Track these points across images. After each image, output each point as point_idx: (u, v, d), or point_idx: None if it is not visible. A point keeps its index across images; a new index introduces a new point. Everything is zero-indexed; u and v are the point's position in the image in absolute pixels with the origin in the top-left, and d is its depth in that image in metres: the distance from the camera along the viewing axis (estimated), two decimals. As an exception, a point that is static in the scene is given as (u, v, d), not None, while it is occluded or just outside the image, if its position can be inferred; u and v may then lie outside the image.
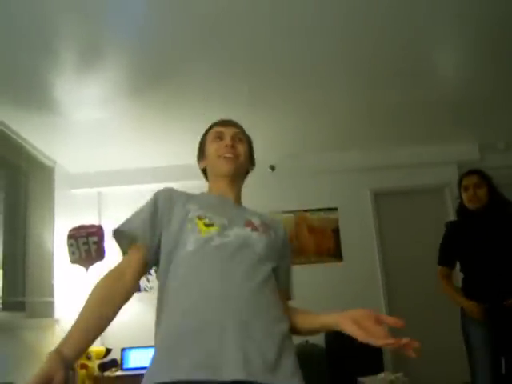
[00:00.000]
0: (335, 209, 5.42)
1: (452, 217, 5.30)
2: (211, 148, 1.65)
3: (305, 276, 5.07)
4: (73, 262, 4.66)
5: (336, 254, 5.32)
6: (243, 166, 1.66)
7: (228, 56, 3.24)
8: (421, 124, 4.78)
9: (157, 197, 1.57)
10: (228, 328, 1.21)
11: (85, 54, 3.11)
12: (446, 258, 3.18)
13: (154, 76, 3.48)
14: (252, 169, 1.75)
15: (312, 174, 5.42)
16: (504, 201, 3.06)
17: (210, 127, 1.72)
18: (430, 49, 3.38)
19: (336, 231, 5.37)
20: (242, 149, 1.65)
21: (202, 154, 1.73)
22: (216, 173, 1.64)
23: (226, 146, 1.61)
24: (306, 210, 5.31)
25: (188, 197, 1.57)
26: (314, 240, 5.31)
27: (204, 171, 1.75)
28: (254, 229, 1.48)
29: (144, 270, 1.52)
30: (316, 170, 5.42)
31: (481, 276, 2.96)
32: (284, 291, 1.56)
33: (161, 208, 1.53)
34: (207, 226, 1.43)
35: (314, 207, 5.34)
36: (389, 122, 4.67)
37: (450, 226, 3.22)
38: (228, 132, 1.65)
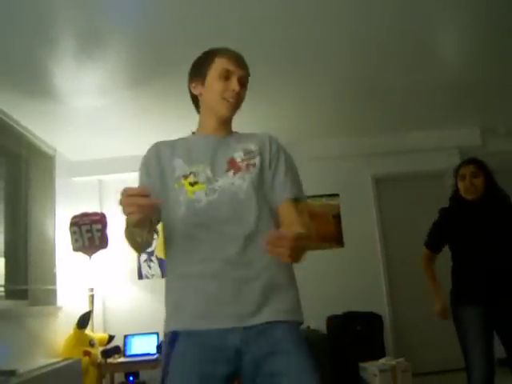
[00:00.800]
0: (336, 195, 5.42)
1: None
2: (217, 85, 1.62)
3: (306, 262, 5.07)
4: (76, 249, 4.64)
5: (337, 240, 5.32)
6: (239, 106, 1.69)
7: (225, 42, 3.20)
8: (422, 109, 4.76)
9: (147, 162, 1.68)
10: (220, 288, 1.44)
11: (84, 42, 3.09)
12: (434, 242, 3.15)
13: (154, 64, 3.46)
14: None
15: (313, 160, 5.40)
16: (500, 192, 3.01)
17: (217, 53, 1.68)
18: (430, 32, 3.35)
19: (337, 217, 5.37)
20: (243, 94, 1.68)
21: (199, 77, 1.68)
22: (213, 111, 1.66)
23: (233, 90, 1.62)
24: (307, 196, 5.31)
25: (173, 148, 1.64)
26: (315, 226, 5.31)
27: (195, 97, 1.72)
28: (237, 170, 1.56)
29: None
30: (317, 156, 5.40)
31: (472, 266, 2.91)
32: (284, 205, 1.60)
33: (153, 174, 1.65)
34: (192, 184, 1.54)
35: (315, 193, 5.33)
36: (389, 107, 4.65)
37: (443, 212, 3.17)
38: (237, 74, 1.64)
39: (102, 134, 4.60)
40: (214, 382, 1.39)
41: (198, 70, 1.69)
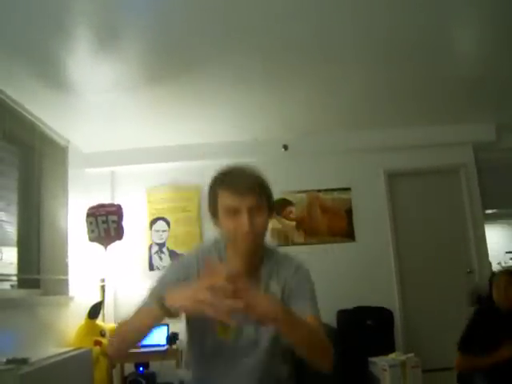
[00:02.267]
0: (348, 189, 5.39)
1: (466, 197, 5.30)
2: (226, 224, 1.53)
3: (317, 256, 5.07)
4: (92, 240, 4.72)
5: (349, 234, 5.30)
6: (264, 233, 1.58)
7: (242, 32, 3.19)
8: (437, 103, 4.71)
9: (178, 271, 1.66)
10: None
11: (100, 34, 3.09)
12: (469, 347, 3.01)
13: (170, 58, 3.45)
14: (274, 211, 1.66)
15: (325, 153, 5.39)
16: None
17: (219, 185, 1.56)
18: (447, 23, 3.29)
19: (349, 211, 5.35)
20: (261, 220, 1.53)
21: (212, 211, 1.60)
22: (234, 247, 1.58)
23: (241, 226, 1.49)
24: (319, 190, 5.29)
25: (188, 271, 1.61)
26: (326, 220, 5.30)
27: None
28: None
29: None
30: (329, 150, 5.38)
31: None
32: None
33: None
34: (223, 327, 1.54)
35: (327, 187, 5.32)
36: (404, 101, 4.61)
37: (479, 312, 3.09)
38: (244, 206, 1.50)
39: (115, 125, 4.61)
40: None
41: (210, 203, 1.61)
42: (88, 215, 4.72)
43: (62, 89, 3.76)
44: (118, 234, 4.70)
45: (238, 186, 1.51)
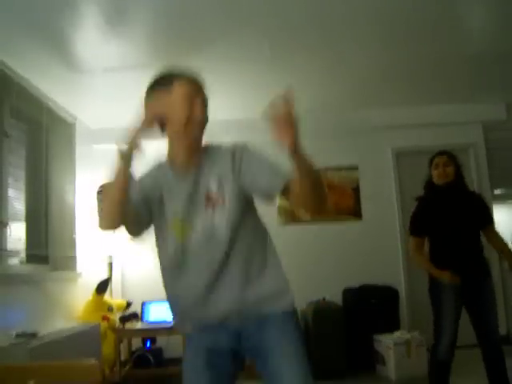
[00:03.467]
0: (356, 167, 5.37)
1: (474, 177, 5.26)
2: (181, 111, 1.64)
3: (324, 234, 5.08)
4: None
5: (355, 213, 5.30)
6: (205, 126, 1.71)
7: (248, 10, 3.16)
8: (446, 82, 4.65)
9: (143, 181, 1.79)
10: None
11: (108, 10, 3.06)
12: (419, 229, 3.34)
13: (178, 35, 3.44)
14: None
15: (333, 131, 5.35)
16: (464, 180, 3.36)
17: (176, 79, 1.67)
18: (457, 2, 3.24)
19: (356, 190, 5.34)
20: (206, 111, 1.69)
21: (152, 93, 1.73)
22: (182, 137, 1.69)
23: (198, 112, 1.65)
24: (326, 168, 5.27)
25: (157, 185, 1.74)
26: (333, 198, 5.29)
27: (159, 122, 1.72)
28: (213, 206, 1.63)
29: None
30: (337, 128, 5.35)
31: (447, 246, 3.19)
32: (267, 193, 1.65)
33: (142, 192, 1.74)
34: (179, 226, 1.66)
35: (334, 165, 5.29)
36: (412, 79, 4.55)
37: (421, 200, 3.45)
38: (199, 95, 1.67)
39: (122, 102, 4.57)
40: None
41: (152, 87, 1.78)
42: (98, 193, 4.74)
43: (69, 66, 3.74)
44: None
45: (193, 79, 1.69)
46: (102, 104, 4.62)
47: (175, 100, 1.65)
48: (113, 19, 3.16)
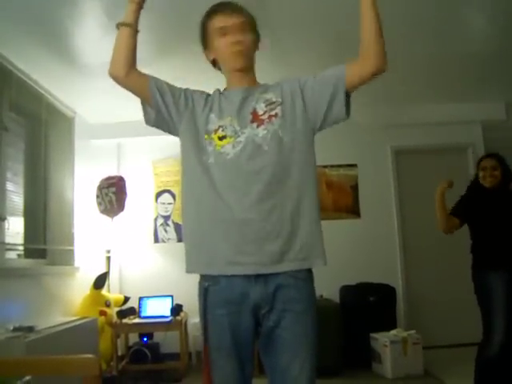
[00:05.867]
0: (355, 165, 5.38)
1: (473, 176, 5.26)
2: (219, 44, 1.71)
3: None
4: (101, 212, 4.75)
5: (354, 211, 5.31)
6: (252, 52, 1.75)
7: (251, 7, 3.14)
8: (446, 81, 4.65)
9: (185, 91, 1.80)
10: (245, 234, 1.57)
11: (107, 4, 3.05)
12: (458, 210, 3.36)
13: (178, 29, 3.42)
14: (259, 41, 1.79)
15: (332, 129, 5.31)
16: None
17: (209, 15, 1.75)
18: (457, 1, 3.24)
19: (355, 188, 5.34)
20: (248, 38, 1.71)
21: (205, 44, 1.79)
22: (228, 68, 1.75)
23: (232, 43, 1.68)
24: (325, 166, 5.26)
25: (207, 101, 1.75)
26: (332, 196, 5.30)
27: (213, 61, 1.81)
28: (260, 122, 1.65)
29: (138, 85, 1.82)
30: (336, 126, 5.32)
31: (492, 238, 3.17)
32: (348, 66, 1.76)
33: (175, 97, 1.76)
34: (221, 138, 1.65)
35: (333, 163, 5.30)
36: (412, 78, 4.54)
37: (472, 186, 3.44)
38: (232, 24, 1.69)
39: (121, 97, 4.54)
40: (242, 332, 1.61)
41: (202, 38, 1.80)
42: (97, 188, 4.75)
43: (69, 60, 3.73)
44: (119, 205, 4.71)
45: (226, 8, 1.73)
46: (101, 99, 4.60)
47: (212, 37, 1.73)
48: (112, 14, 3.15)
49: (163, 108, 1.72)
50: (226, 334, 1.58)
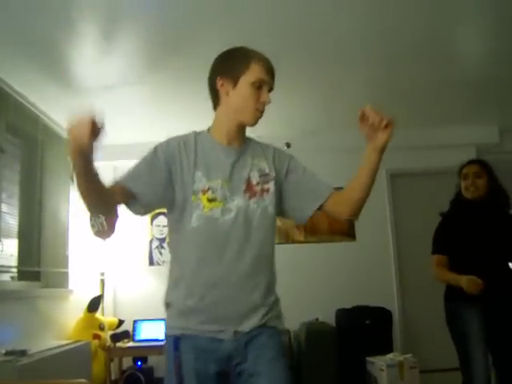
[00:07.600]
0: (350, 188, 5.38)
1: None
2: (248, 92, 1.62)
3: (318, 255, 5.07)
4: (94, 234, 4.72)
5: (349, 234, 5.30)
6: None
7: (245, 28, 3.19)
8: (440, 105, 4.70)
9: (157, 153, 1.67)
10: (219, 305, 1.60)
11: (103, 26, 3.09)
12: (441, 247, 3.01)
13: (170, 49, 3.45)
14: None
15: (327, 152, 5.37)
16: (503, 193, 2.95)
17: (254, 58, 1.65)
18: (450, 25, 3.28)
19: (350, 211, 5.34)
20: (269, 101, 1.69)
21: (231, 77, 1.64)
22: (238, 117, 1.67)
23: (264, 103, 1.65)
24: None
25: (195, 156, 1.64)
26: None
27: (216, 91, 1.69)
28: (253, 194, 1.63)
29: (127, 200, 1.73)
30: (331, 149, 5.36)
31: (470, 266, 2.80)
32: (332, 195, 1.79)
33: (161, 164, 1.64)
34: (210, 201, 1.60)
35: (328, 186, 5.30)
36: (407, 101, 4.59)
37: (445, 217, 3.11)
38: (268, 84, 1.66)
39: (117, 119, 4.59)
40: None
41: (230, 70, 1.66)
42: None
43: (65, 82, 3.76)
44: (109, 227, 4.67)
45: (269, 65, 1.67)
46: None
47: (247, 81, 1.62)
48: (108, 37, 3.19)
49: (170, 195, 1.66)
50: (191, 379, 1.57)
